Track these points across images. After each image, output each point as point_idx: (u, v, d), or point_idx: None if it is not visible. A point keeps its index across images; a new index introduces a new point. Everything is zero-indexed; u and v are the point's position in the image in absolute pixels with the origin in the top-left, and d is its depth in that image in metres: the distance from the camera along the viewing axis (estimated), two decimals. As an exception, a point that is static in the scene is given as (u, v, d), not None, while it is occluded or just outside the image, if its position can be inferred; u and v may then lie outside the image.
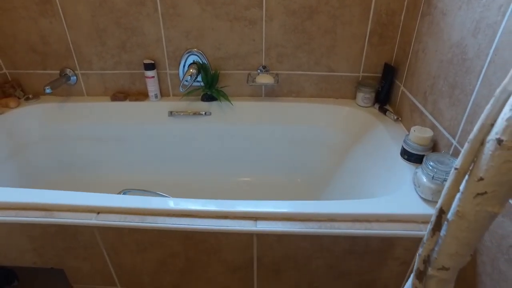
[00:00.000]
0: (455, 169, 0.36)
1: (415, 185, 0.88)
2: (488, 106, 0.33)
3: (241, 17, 1.27)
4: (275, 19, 1.26)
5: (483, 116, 0.33)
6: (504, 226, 0.68)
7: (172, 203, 0.85)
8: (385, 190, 0.98)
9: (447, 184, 0.37)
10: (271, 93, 1.43)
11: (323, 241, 0.81)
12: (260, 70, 1.36)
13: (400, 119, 1.23)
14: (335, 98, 1.42)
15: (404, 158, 1.00)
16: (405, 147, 0.99)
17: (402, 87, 1.22)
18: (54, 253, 0.92)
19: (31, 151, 1.42)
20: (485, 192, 0.33)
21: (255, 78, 1.34)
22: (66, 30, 1.34)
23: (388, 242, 0.82)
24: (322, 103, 1.38)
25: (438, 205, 0.38)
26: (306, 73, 1.37)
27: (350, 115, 1.35)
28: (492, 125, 0.32)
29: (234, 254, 0.86)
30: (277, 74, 1.36)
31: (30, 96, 1.47)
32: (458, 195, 0.36)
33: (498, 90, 0.32)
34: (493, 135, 0.32)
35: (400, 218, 0.82)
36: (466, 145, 0.35)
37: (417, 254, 0.43)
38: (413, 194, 0.87)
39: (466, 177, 0.35)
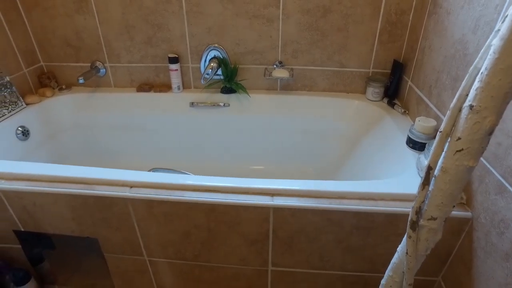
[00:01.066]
0: (440, 132, 0.45)
1: (418, 169, 0.96)
2: (464, 81, 0.41)
3: (259, 15, 1.37)
4: (291, 17, 1.35)
5: (460, 89, 0.42)
6: (497, 203, 0.76)
7: (197, 179, 0.95)
8: (391, 175, 1.06)
9: (433, 145, 0.45)
10: (286, 87, 1.52)
11: (333, 216, 0.90)
12: (276, 65, 1.45)
13: (407, 112, 1.31)
14: (346, 93, 1.50)
15: (409, 146, 1.08)
16: (410, 136, 1.07)
17: (409, 82, 1.30)
18: (90, 223, 1.03)
19: (64, 136, 1.54)
20: (462, 149, 0.41)
21: (271, 72, 1.43)
22: (98, 26, 1.46)
23: (391, 219, 0.90)
24: (334, 97, 1.47)
25: (426, 163, 0.47)
26: (319, 69, 1.45)
27: (360, 108, 1.43)
28: (467, 95, 0.41)
29: (252, 227, 0.95)
30: (292, 69, 1.46)
31: (64, 86, 1.59)
32: (442, 154, 0.45)
33: (471, 68, 0.40)
34: (467, 102, 0.40)
35: (403, 198, 0.90)
36: (448, 113, 0.44)
37: (411, 207, 0.52)
38: (416, 177, 0.95)
39: (449, 138, 0.44)
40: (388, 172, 1.09)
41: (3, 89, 1.34)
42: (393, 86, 1.38)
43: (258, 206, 0.90)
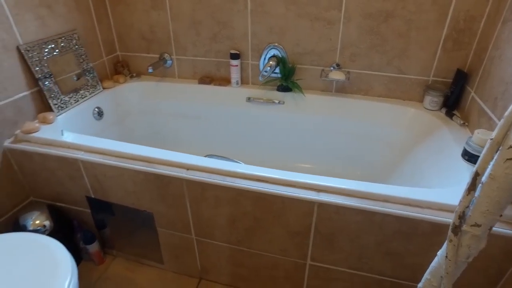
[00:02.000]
0: (491, 139, 0.45)
1: (471, 181, 0.93)
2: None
3: (321, 18, 1.40)
4: (352, 21, 1.36)
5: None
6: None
7: (249, 169, 1.01)
8: (441, 186, 1.04)
9: (483, 152, 0.46)
10: (341, 89, 1.53)
11: (376, 218, 0.91)
12: (333, 67, 1.47)
13: (466, 124, 1.26)
14: (402, 100, 1.47)
15: (464, 159, 1.05)
16: (467, 148, 1.04)
17: (472, 93, 1.25)
18: (148, 198, 1.15)
19: (131, 119, 1.70)
20: (513, 157, 0.42)
21: (328, 74, 1.46)
22: (170, 21, 1.59)
23: (437, 229, 0.89)
24: (389, 103, 1.45)
25: (474, 169, 0.48)
26: (376, 73, 1.45)
27: (416, 116, 1.40)
28: (522, 106, 0.41)
29: (296, 219, 0.99)
30: (348, 72, 1.47)
31: (134, 74, 1.76)
32: (492, 162, 0.45)
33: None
34: (522, 112, 0.41)
35: (451, 209, 0.89)
36: (501, 121, 0.44)
37: (454, 211, 0.52)
38: (468, 189, 0.92)
39: (500, 147, 0.44)
40: (439, 183, 1.07)
41: (87, 73, 1.52)
42: (453, 96, 1.34)
43: (304, 200, 0.94)
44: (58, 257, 0.90)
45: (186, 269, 1.33)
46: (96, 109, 1.54)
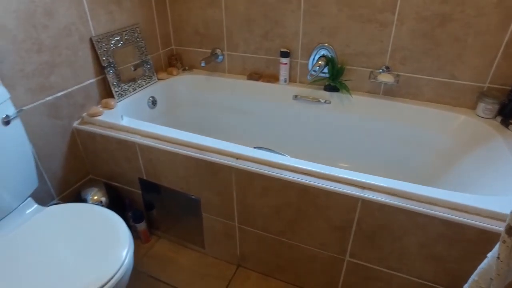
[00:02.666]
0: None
1: (525, 191, 0.91)
2: None
3: (373, 20, 1.40)
4: (406, 24, 1.36)
5: None
6: None
7: (296, 162, 1.05)
8: (492, 195, 1.02)
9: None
10: (388, 92, 1.52)
11: (420, 219, 0.92)
12: (383, 69, 1.47)
13: (522, 134, 1.21)
14: (452, 106, 1.44)
15: (518, 169, 1.02)
16: (521, 157, 1.01)
17: (531, 102, 1.21)
18: (197, 184, 1.22)
19: (181, 110, 1.80)
20: None
21: (376, 76, 1.46)
22: (224, 18, 1.67)
23: (485, 236, 0.88)
24: (438, 108, 1.43)
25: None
26: (426, 78, 1.43)
27: (466, 123, 1.37)
28: None
29: (338, 214, 1.02)
30: (398, 75, 1.46)
31: (186, 67, 1.85)
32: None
33: None
34: None
35: (502, 218, 0.87)
36: None
37: (510, 211, 0.53)
38: (522, 200, 0.90)
39: None
40: (490, 192, 1.05)
41: (145, 64, 1.63)
42: (511, 104, 1.29)
43: (348, 195, 0.97)
44: (118, 228, 0.99)
45: (226, 255, 1.39)
46: (150, 98, 1.65)
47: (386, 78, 1.44)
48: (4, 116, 1.00)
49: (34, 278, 0.85)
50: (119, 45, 1.50)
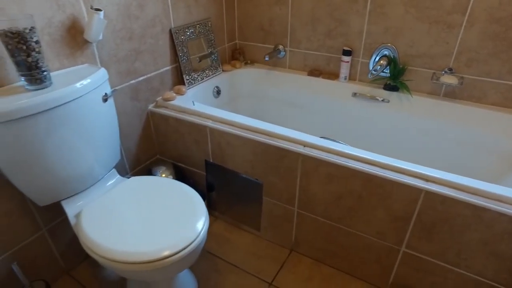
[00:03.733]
0: None
1: None
2: None
3: (441, 21, 1.42)
4: (476, 25, 1.36)
5: None
6: None
7: (361, 152, 1.11)
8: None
9: None
10: (450, 94, 1.53)
11: (485, 215, 0.95)
12: (446, 71, 1.48)
13: None
14: (519, 111, 1.43)
15: None
16: None
17: None
18: (262, 169, 1.31)
19: (242, 101, 1.91)
20: None
21: (439, 77, 1.47)
22: (289, 16, 1.74)
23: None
24: (505, 112, 1.41)
25: None
26: (494, 81, 1.42)
27: (534, 129, 1.35)
28: None
29: (400, 204, 1.07)
30: (462, 77, 1.46)
31: (248, 61, 1.96)
32: None
33: None
34: None
35: None
36: None
37: None
38: None
39: None
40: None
41: (212, 56, 1.75)
42: None
43: (411, 186, 1.01)
44: (197, 202, 1.10)
45: (280, 239, 1.47)
46: (215, 88, 1.76)
47: (449, 79, 1.45)
48: (104, 94, 1.14)
49: (127, 232, 0.98)
50: (192, 37, 1.62)
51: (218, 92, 1.78)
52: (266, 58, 1.73)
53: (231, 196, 1.53)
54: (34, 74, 0.96)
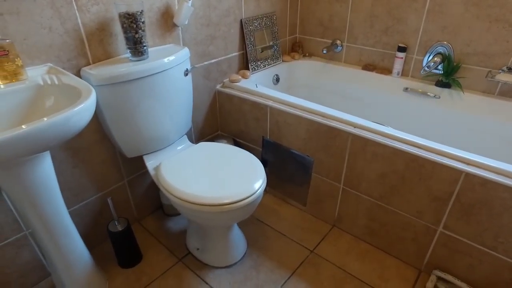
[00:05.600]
0: None
1: None
2: None
3: (502, 19, 1.46)
4: (536, 27, 1.40)
5: None
6: None
7: (406, 135, 1.22)
8: None
9: None
10: (505, 93, 1.56)
11: (523, 199, 1.02)
12: (503, 70, 1.52)
13: None
14: None
15: None
16: None
17: None
18: (314, 146, 1.46)
19: (297, 90, 2.06)
20: None
21: (495, 75, 1.52)
22: (349, 13, 1.87)
23: None
24: (560, 113, 1.43)
25: None
26: (551, 82, 1.44)
27: None
28: None
29: (440, 185, 1.16)
30: (518, 77, 1.49)
31: (307, 54, 2.11)
32: None
33: None
34: None
35: None
36: None
37: None
38: None
39: None
40: None
41: (274, 47, 1.92)
42: None
43: (452, 168, 1.11)
44: (257, 165, 1.27)
45: (323, 215, 1.61)
46: (275, 76, 1.94)
47: (507, 78, 1.48)
48: (186, 69, 1.36)
49: (198, 181, 1.18)
50: (259, 28, 1.81)
51: (277, 80, 1.95)
52: (324, 51, 1.87)
53: (282, 172, 1.69)
54: (138, 47, 1.20)
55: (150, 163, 1.36)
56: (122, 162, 1.46)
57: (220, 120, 1.83)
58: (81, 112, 0.87)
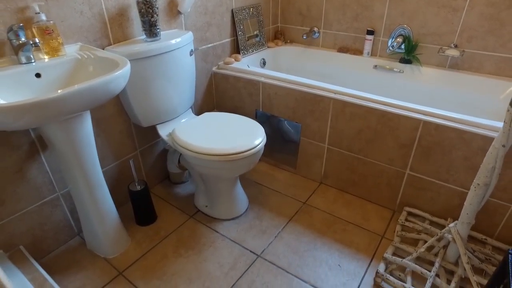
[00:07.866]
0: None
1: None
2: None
3: (447, 5, 1.79)
4: (475, 8, 1.72)
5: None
6: None
7: (376, 96, 1.51)
8: None
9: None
10: (453, 66, 1.89)
11: (466, 136, 1.32)
12: (451, 46, 1.85)
13: None
14: (510, 77, 1.77)
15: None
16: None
17: None
18: (301, 113, 1.73)
19: (280, 72, 2.33)
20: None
21: (445, 51, 1.84)
22: (324, 3, 2.15)
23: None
24: (498, 79, 1.76)
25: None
26: (489, 54, 1.77)
27: (518, 91, 1.70)
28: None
29: (405, 134, 1.45)
30: (463, 51, 1.83)
31: (288, 41, 2.38)
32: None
33: None
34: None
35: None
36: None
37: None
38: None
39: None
40: None
41: (259, 34, 2.18)
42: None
43: (414, 118, 1.40)
44: (257, 127, 1.52)
45: (312, 175, 1.88)
46: (262, 59, 2.19)
47: (453, 52, 1.81)
48: (191, 50, 1.59)
49: (208, 138, 1.42)
50: (247, 17, 2.06)
51: (264, 63, 2.21)
52: (304, 37, 2.15)
53: (275, 141, 1.95)
54: (153, 30, 1.42)
55: (162, 131, 1.58)
56: (136, 134, 1.66)
57: (216, 98, 2.06)
58: (120, 77, 1.09)
